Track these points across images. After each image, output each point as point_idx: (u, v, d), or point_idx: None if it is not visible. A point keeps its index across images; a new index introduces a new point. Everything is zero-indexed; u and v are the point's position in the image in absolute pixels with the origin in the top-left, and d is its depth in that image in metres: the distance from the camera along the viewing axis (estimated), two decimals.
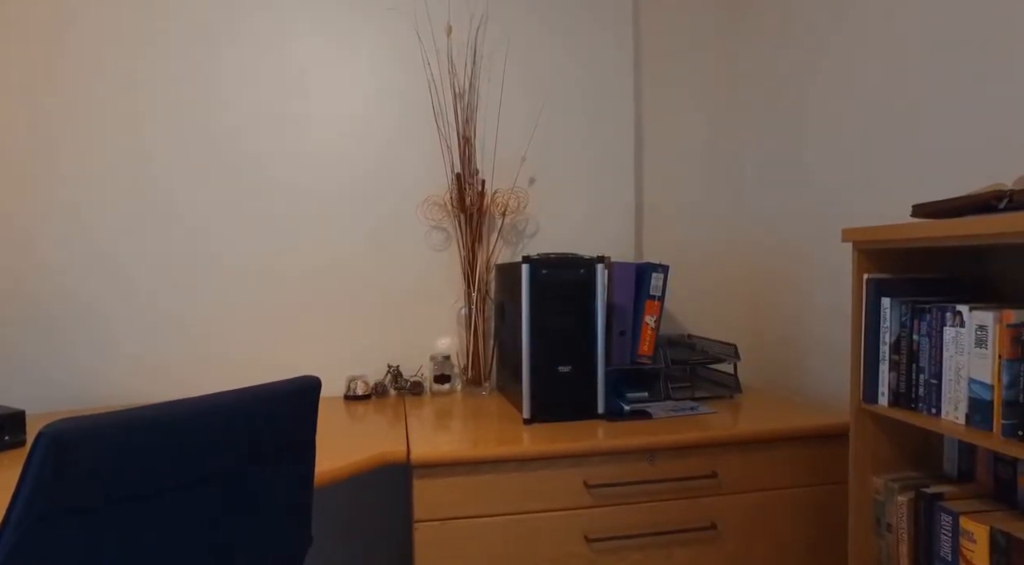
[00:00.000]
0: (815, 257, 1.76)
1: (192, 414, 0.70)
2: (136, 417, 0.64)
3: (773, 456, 1.39)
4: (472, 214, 1.80)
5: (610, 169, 1.97)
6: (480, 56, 1.87)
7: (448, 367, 1.80)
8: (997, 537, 1.02)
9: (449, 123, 1.85)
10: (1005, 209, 0.98)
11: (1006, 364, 0.99)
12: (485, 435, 1.36)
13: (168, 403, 0.69)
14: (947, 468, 1.26)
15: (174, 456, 0.69)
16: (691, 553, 1.36)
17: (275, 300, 1.80)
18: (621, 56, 1.97)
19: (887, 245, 1.17)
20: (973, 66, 1.32)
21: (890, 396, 1.19)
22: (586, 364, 1.47)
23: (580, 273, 1.46)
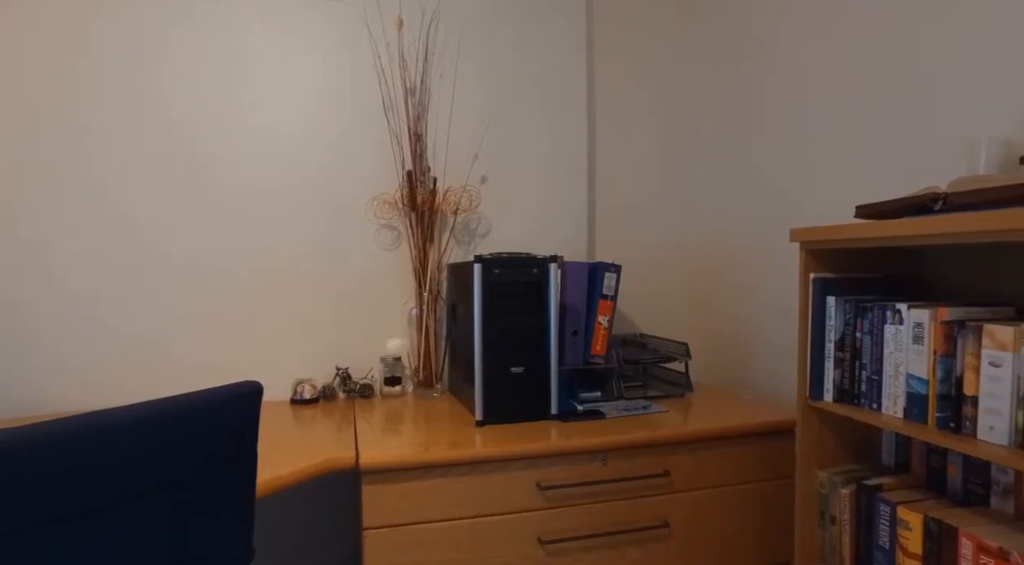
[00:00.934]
0: (763, 258, 1.80)
1: (112, 427, 0.64)
2: (44, 432, 0.58)
3: (723, 453, 1.41)
4: (423, 212, 1.76)
5: (563, 168, 1.97)
6: (432, 52, 1.83)
7: (399, 369, 1.76)
8: (930, 524, 1.05)
9: (400, 119, 1.81)
10: (940, 211, 1.02)
11: (940, 360, 1.02)
12: (437, 438, 1.33)
13: (86, 415, 0.64)
14: (885, 460, 1.30)
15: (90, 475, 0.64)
16: (644, 552, 1.36)
17: (216, 301, 1.72)
18: (574, 55, 1.97)
19: (832, 245, 1.20)
20: (913, 74, 1.36)
21: (834, 392, 1.22)
22: (539, 365, 1.46)
23: (533, 273, 1.44)
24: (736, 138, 1.90)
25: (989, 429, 0.95)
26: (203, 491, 0.79)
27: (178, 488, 0.76)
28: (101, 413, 0.66)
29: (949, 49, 1.28)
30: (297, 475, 1.17)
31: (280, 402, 1.73)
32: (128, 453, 0.68)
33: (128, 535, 0.70)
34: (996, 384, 0.94)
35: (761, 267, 1.80)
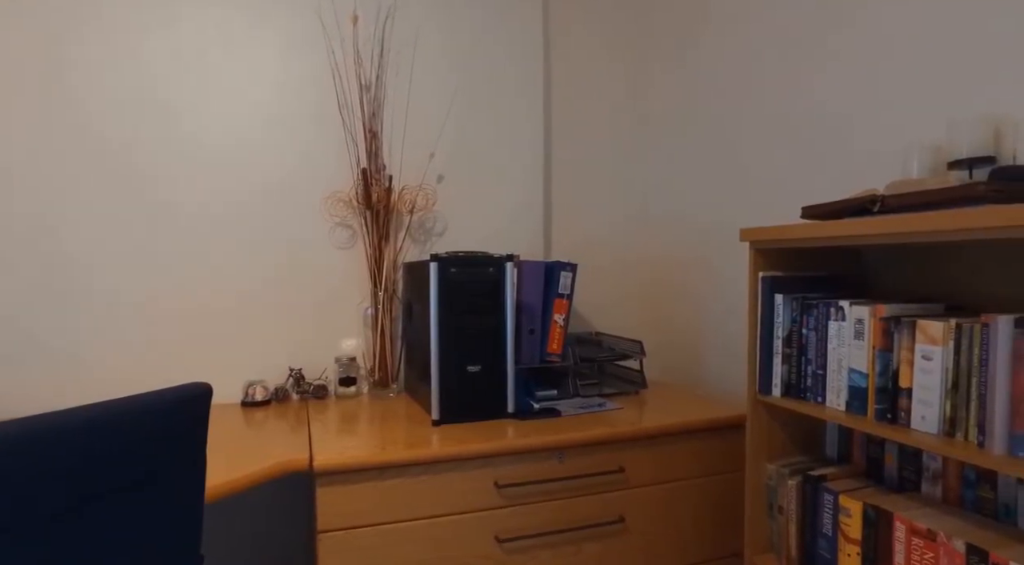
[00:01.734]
0: (715, 257, 1.85)
1: (51, 432, 0.61)
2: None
3: (676, 449, 1.44)
4: (379, 211, 1.74)
5: (520, 168, 1.98)
6: (388, 49, 1.81)
7: (354, 369, 1.74)
8: (868, 511, 1.10)
9: (355, 116, 1.78)
10: (878, 212, 1.06)
11: (879, 354, 1.07)
12: (393, 438, 1.32)
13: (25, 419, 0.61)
14: (829, 452, 1.35)
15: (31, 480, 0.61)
16: (600, 547, 1.38)
17: (165, 300, 1.66)
18: (531, 55, 1.98)
19: (780, 245, 1.24)
20: (851, 83, 1.42)
21: (782, 387, 1.26)
22: (496, 363, 1.46)
23: (489, 271, 1.44)
24: (689, 141, 1.95)
25: (921, 419, 1.00)
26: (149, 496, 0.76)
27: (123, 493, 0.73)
28: (44, 417, 0.63)
29: (886, 59, 1.34)
30: (248, 479, 1.14)
31: (231, 404, 1.68)
32: (71, 457, 0.65)
33: (69, 543, 0.67)
34: (928, 376, 0.99)
35: (713, 266, 1.85)
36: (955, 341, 0.96)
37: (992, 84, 1.16)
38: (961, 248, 1.19)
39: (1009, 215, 0.83)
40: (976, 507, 1.06)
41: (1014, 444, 0.88)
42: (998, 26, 1.14)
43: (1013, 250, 1.11)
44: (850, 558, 1.14)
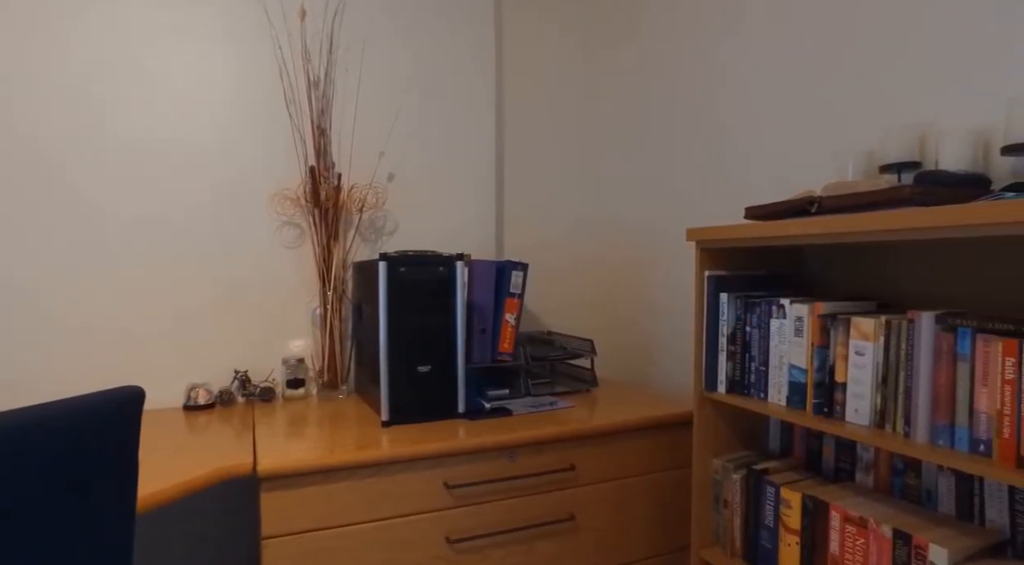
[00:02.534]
0: (664, 257, 1.88)
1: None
2: None
3: (626, 446, 1.46)
4: (327, 209, 1.71)
5: (472, 166, 1.97)
6: (337, 45, 1.78)
7: (302, 371, 1.70)
8: (806, 501, 1.14)
9: (303, 113, 1.74)
10: (815, 213, 1.10)
11: (816, 350, 1.11)
12: (342, 440, 1.30)
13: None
14: (772, 445, 1.40)
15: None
16: (552, 545, 1.39)
17: (101, 302, 1.59)
18: (484, 54, 1.98)
19: (724, 244, 1.27)
20: (791, 91, 1.47)
21: (727, 384, 1.30)
22: (446, 363, 1.45)
23: (439, 271, 1.43)
24: (638, 143, 1.98)
25: (854, 412, 1.04)
26: (76, 507, 0.73)
27: (47, 505, 0.70)
28: None
29: (826, 69, 1.40)
30: (187, 486, 1.10)
31: (172, 409, 1.62)
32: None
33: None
34: (860, 371, 1.04)
35: (662, 266, 1.89)
36: (885, 337, 1.01)
37: (919, 96, 1.21)
38: (891, 248, 1.25)
39: (930, 217, 0.87)
40: (904, 494, 1.12)
41: (935, 433, 0.93)
42: (925, 43, 1.20)
43: (936, 250, 1.17)
44: (790, 548, 1.18)
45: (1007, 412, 0.84)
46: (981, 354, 0.87)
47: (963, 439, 0.89)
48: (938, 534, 0.97)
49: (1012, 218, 0.78)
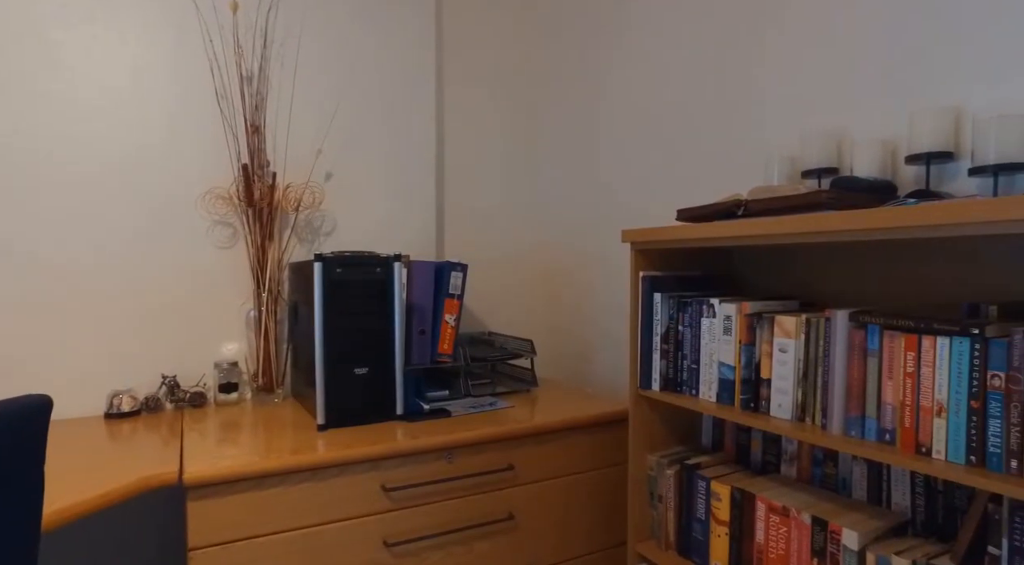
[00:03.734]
0: (601, 258, 1.92)
1: None
2: None
3: (564, 444, 1.47)
4: (262, 209, 1.66)
5: (411, 166, 1.95)
6: (271, 40, 1.73)
7: (235, 374, 1.64)
8: (735, 494, 1.19)
9: (235, 109, 1.69)
10: (742, 216, 1.15)
11: (744, 348, 1.15)
12: (276, 445, 1.26)
13: None
14: (704, 441, 1.44)
15: None
16: (491, 545, 1.39)
17: (14, 305, 1.49)
18: (423, 52, 1.96)
19: (658, 245, 1.31)
20: (721, 99, 1.53)
21: (661, 382, 1.33)
22: (384, 365, 1.43)
23: (377, 271, 1.42)
24: (577, 144, 2.01)
25: (778, 406, 1.09)
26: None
27: None
28: None
29: (750, 79, 1.45)
30: (106, 498, 1.04)
31: (93, 418, 1.54)
32: None
33: None
34: (783, 367, 1.08)
35: (600, 267, 1.92)
36: (805, 334, 1.05)
37: (836, 106, 1.28)
38: (812, 248, 1.31)
39: (842, 220, 0.92)
40: (823, 483, 1.17)
41: (848, 425, 0.98)
42: (841, 56, 1.27)
43: (851, 251, 1.23)
44: (719, 538, 1.22)
45: (908, 403, 0.89)
46: (887, 349, 0.92)
47: (872, 429, 0.95)
48: (850, 519, 1.02)
49: (910, 222, 0.83)
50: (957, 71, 1.09)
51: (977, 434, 0.82)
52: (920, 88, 1.14)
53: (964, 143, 1.07)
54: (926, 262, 1.11)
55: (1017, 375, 0.78)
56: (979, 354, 0.82)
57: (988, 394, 0.81)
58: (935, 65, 1.12)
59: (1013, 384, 0.79)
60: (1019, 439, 0.79)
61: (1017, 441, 0.79)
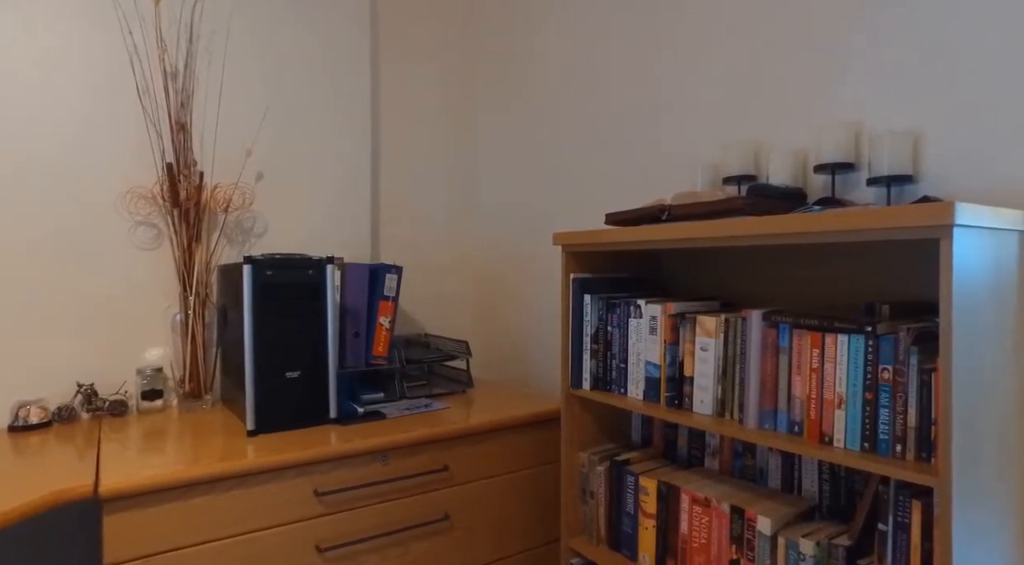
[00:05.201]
0: (536, 260, 1.95)
1: None
2: None
3: (499, 444, 1.49)
4: (188, 209, 1.61)
5: (346, 167, 1.93)
6: (198, 36, 1.68)
7: (160, 381, 1.58)
8: (661, 487, 1.24)
9: (159, 106, 1.62)
10: (666, 220, 1.20)
11: (668, 347, 1.20)
12: (205, 452, 1.23)
13: None
14: (634, 438, 1.49)
15: None
16: (427, 546, 1.39)
17: None
18: (357, 48, 1.94)
19: (588, 248, 1.35)
20: (650, 108, 1.59)
21: (591, 381, 1.37)
22: (317, 368, 1.42)
23: (309, 274, 1.40)
24: (512, 147, 2.04)
25: (700, 402, 1.15)
26: None
27: None
28: None
29: (676, 90, 1.52)
30: (6, 517, 0.99)
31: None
32: None
33: None
34: (705, 365, 1.14)
35: (535, 269, 1.96)
36: (724, 333, 1.11)
37: (753, 116, 1.36)
38: (732, 251, 1.38)
39: (758, 225, 0.98)
40: (743, 474, 1.24)
41: (763, 418, 1.04)
42: (757, 70, 1.34)
43: (767, 253, 1.31)
44: (647, 531, 1.27)
45: (813, 396, 0.96)
46: (796, 346, 0.99)
47: (783, 422, 1.01)
48: (765, 506, 1.08)
49: (815, 228, 0.89)
50: (857, 90, 1.17)
51: (870, 423, 0.89)
52: (827, 104, 1.22)
53: (864, 156, 1.16)
54: (833, 264, 1.19)
55: (902, 368, 0.86)
56: (872, 350, 0.89)
57: (879, 386, 0.88)
58: (838, 83, 1.20)
59: (899, 376, 0.86)
60: (903, 426, 0.86)
61: (901, 428, 0.86)
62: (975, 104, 1.02)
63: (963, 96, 1.03)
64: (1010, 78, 0.98)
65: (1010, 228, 0.86)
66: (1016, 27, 0.97)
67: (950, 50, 1.05)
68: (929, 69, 1.07)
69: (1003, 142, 0.99)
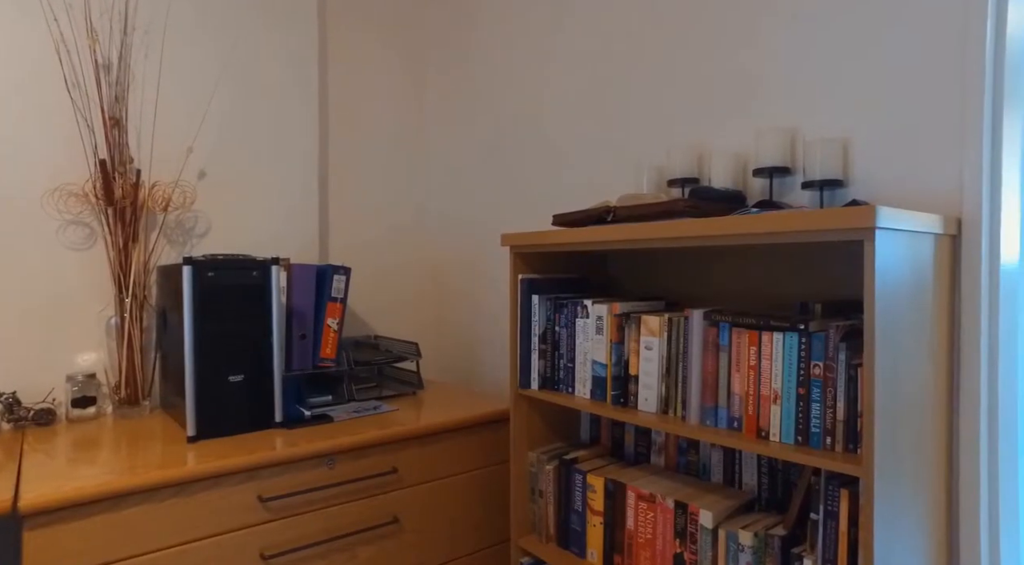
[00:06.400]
0: (486, 259, 1.96)
1: None
2: None
3: (449, 445, 1.49)
4: (124, 208, 1.54)
5: (293, 165, 1.89)
6: (132, 27, 1.61)
7: (93, 387, 1.51)
8: (608, 485, 1.26)
9: (91, 99, 1.55)
10: (611, 222, 1.22)
11: (614, 346, 1.23)
12: (143, 460, 1.18)
13: None
14: (583, 436, 1.51)
15: None
16: (375, 549, 1.38)
17: None
18: (305, 45, 1.90)
19: (535, 249, 1.36)
20: (597, 112, 1.61)
21: (539, 380, 1.38)
22: (262, 372, 1.38)
23: (253, 276, 1.36)
24: (462, 148, 2.03)
25: (645, 400, 1.17)
26: None
27: None
28: None
29: (623, 94, 1.55)
30: None
31: None
32: None
33: None
34: (649, 364, 1.16)
35: (484, 270, 1.96)
36: (668, 332, 1.14)
37: (696, 120, 1.39)
38: (676, 252, 1.41)
39: (698, 227, 1.00)
40: (687, 469, 1.27)
41: (704, 415, 1.07)
42: (700, 76, 1.38)
43: (709, 253, 1.35)
44: (595, 528, 1.29)
45: (751, 393, 0.99)
46: (735, 344, 1.02)
47: (723, 418, 1.04)
48: (707, 501, 1.12)
49: (752, 229, 0.92)
50: (793, 97, 1.22)
51: (803, 417, 0.93)
52: (766, 110, 1.27)
53: (799, 160, 1.20)
54: (773, 265, 1.24)
55: (832, 364, 0.90)
56: (804, 347, 0.93)
57: (811, 381, 0.92)
58: (777, 91, 1.25)
59: (828, 372, 0.90)
60: (832, 419, 0.90)
61: (831, 421, 0.90)
62: (897, 114, 1.07)
63: (887, 107, 1.09)
64: (928, 92, 1.04)
65: (926, 231, 0.91)
66: (933, 45, 1.03)
67: (876, 64, 1.10)
68: (857, 80, 1.12)
69: (922, 150, 1.04)
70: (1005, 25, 0.96)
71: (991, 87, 0.97)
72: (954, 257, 0.99)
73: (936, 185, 1.02)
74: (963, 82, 0.99)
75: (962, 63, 1.00)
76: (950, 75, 1.01)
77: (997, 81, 0.97)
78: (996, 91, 0.97)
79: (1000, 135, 0.97)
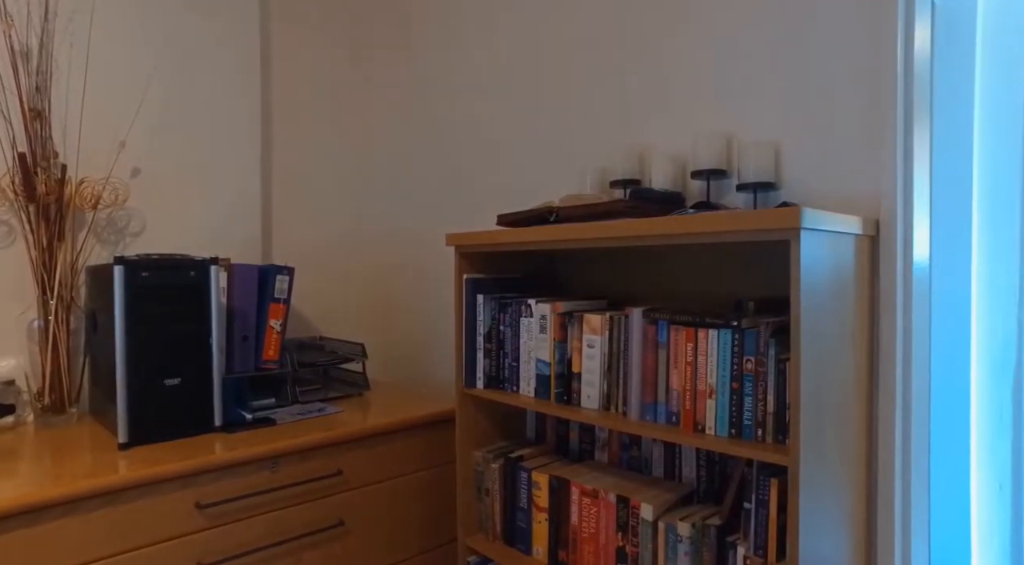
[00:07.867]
0: (430, 261, 1.95)
1: None
2: None
3: (395, 446, 1.48)
4: (48, 205, 1.47)
5: (234, 163, 1.83)
6: (54, 12, 1.53)
7: (11, 395, 1.43)
8: (553, 481, 1.28)
9: (8, 89, 1.47)
10: (554, 221, 1.24)
11: (557, 345, 1.24)
12: (67, 470, 1.13)
13: None
14: (528, 434, 1.53)
15: None
16: (320, 553, 1.36)
17: None
18: (246, 35, 1.85)
19: (480, 248, 1.36)
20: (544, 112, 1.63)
21: (485, 380, 1.39)
22: (200, 374, 1.34)
23: (190, 276, 1.32)
24: (407, 148, 2.02)
25: (587, 398, 1.19)
26: None
27: None
28: None
29: (566, 95, 1.57)
30: None
31: None
32: None
33: None
34: (591, 361, 1.19)
35: (430, 270, 1.95)
36: (609, 331, 1.16)
37: (637, 123, 1.43)
38: (618, 251, 1.44)
39: (637, 227, 1.03)
40: (630, 464, 1.30)
41: (644, 410, 1.10)
42: (640, 80, 1.42)
43: (650, 253, 1.39)
44: (540, 525, 1.30)
45: (688, 388, 1.03)
46: (673, 341, 1.05)
47: (662, 413, 1.07)
48: (648, 494, 1.15)
49: (687, 229, 0.96)
50: (729, 102, 1.27)
51: (736, 410, 0.97)
52: (704, 114, 1.31)
53: (735, 163, 1.25)
54: (710, 264, 1.28)
55: (763, 359, 0.94)
56: (737, 343, 0.97)
57: (744, 376, 0.96)
58: (713, 95, 1.29)
59: (759, 366, 0.94)
60: (763, 412, 0.94)
61: (762, 414, 0.95)
62: (821, 122, 1.13)
63: (812, 114, 1.14)
64: (846, 101, 1.10)
65: (848, 232, 0.96)
66: (850, 56, 1.09)
67: (801, 72, 1.16)
68: (785, 88, 1.18)
69: (844, 156, 1.10)
70: (913, 43, 1.03)
71: (902, 99, 1.03)
72: (873, 256, 1.05)
73: (857, 189, 1.08)
74: (878, 94, 1.06)
75: (877, 76, 1.06)
76: (866, 86, 1.07)
77: (907, 94, 1.03)
78: (907, 103, 1.03)
79: (911, 143, 1.03)
